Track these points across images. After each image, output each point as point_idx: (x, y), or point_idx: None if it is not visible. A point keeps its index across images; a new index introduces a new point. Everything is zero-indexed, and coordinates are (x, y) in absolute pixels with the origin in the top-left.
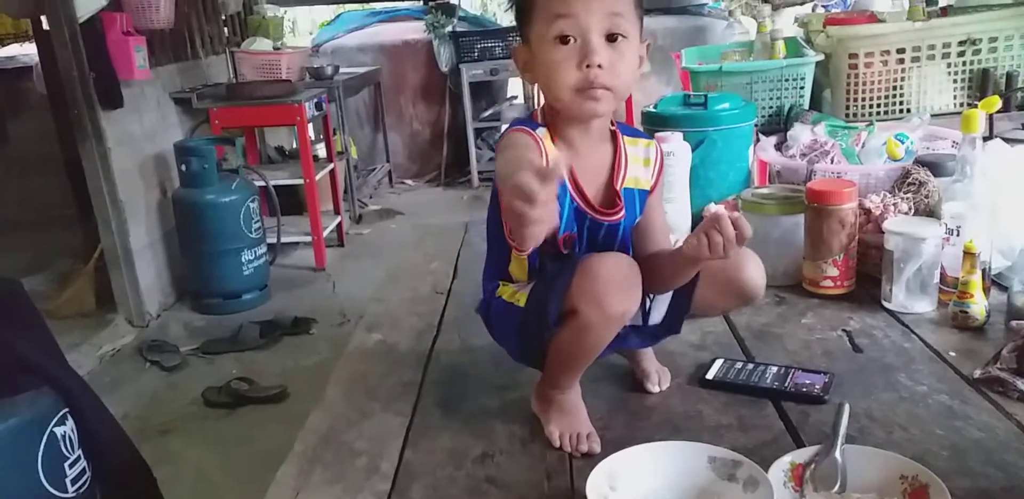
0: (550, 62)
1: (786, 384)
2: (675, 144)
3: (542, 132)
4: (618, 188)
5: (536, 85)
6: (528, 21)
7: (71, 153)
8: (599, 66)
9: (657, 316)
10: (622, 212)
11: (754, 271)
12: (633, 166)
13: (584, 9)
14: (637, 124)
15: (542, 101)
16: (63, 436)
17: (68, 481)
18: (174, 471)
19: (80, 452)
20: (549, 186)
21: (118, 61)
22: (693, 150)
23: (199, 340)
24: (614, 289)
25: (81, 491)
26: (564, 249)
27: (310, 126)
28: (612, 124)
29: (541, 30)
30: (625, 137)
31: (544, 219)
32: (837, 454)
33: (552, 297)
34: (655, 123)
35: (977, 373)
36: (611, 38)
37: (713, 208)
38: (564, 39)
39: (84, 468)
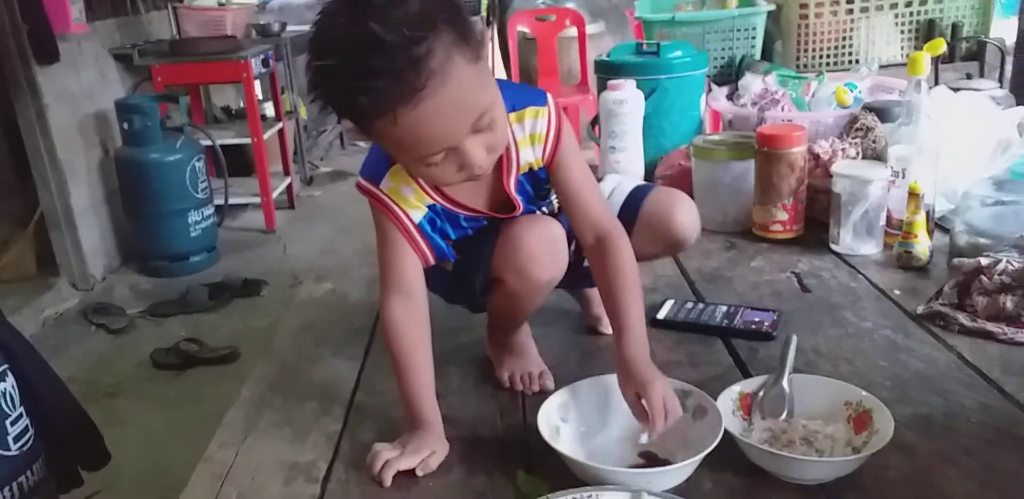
0: (423, 174)
1: (735, 322)
2: (628, 92)
3: (390, 181)
4: (510, 190)
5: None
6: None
7: (7, 113)
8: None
9: None
10: (519, 209)
11: (683, 217)
12: (524, 153)
13: (449, 127)
14: (591, 75)
15: None
16: (3, 393)
17: (10, 439)
18: (122, 432)
19: (22, 409)
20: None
21: (52, 13)
22: (646, 98)
23: (146, 303)
24: (538, 259)
25: (24, 449)
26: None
27: (257, 85)
28: None
29: (399, 152)
30: (511, 118)
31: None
32: (784, 383)
33: (477, 269)
34: (608, 71)
35: (920, 309)
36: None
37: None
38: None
39: (27, 426)
